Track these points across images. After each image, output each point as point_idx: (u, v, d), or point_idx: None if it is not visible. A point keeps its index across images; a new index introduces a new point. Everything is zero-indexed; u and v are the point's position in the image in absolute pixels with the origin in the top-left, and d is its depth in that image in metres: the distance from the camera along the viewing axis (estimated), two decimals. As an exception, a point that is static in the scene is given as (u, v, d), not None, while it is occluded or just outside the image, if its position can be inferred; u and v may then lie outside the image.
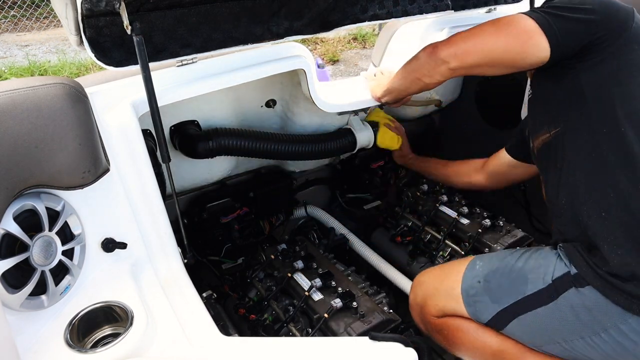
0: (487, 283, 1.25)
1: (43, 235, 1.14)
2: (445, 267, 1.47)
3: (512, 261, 1.26)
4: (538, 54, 1.17)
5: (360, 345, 1.15)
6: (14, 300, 1.06)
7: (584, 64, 1.18)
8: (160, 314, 1.18)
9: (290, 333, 1.53)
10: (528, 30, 1.16)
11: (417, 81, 1.45)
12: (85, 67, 5.42)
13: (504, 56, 1.21)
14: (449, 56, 1.28)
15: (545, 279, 1.18)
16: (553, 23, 1.16)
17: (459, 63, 1.27)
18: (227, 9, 1.42)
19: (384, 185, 2.38)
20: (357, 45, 6.55)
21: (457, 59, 1.27)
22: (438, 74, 1.34)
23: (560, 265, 1.19)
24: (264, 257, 1.82)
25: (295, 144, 1.77)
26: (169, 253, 1.37)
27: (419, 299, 1.39)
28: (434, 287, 1.37)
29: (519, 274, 1.22)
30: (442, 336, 1.35)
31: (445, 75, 1.34)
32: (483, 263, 1.31)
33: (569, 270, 1.17)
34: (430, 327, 1.37)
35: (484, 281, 1.26)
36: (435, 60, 1.31)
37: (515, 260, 1.26)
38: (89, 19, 1.22)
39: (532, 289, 1.19)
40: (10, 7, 6.51)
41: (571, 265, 1.17)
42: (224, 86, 1.47)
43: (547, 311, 1.16)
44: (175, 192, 1.37)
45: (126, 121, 1.30)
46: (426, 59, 1.36)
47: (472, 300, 1.27)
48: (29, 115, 1.05)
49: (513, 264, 1.25)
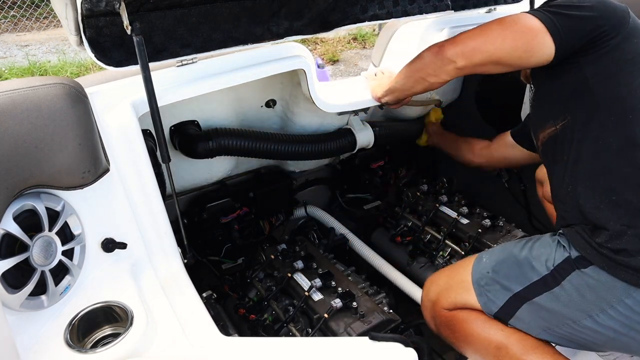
0: (496, 273, 1.29)
1: (43, 235, 1.14)
2: (454, 265, 1.53)
3: (517, 251, 1.31)
4: (543, 51, 1.20)
5: (360, 345, 1.15)
6: (14, 300, 1.06)
7: (588, 58, 1.21)
8: (160, 314, 1.18)
9: (290, 333, 1.53)
10: (533, 29, 1.19)
11: (421, 81, 1.46)
12: (85, 67, 5.42)
13: (510, 55, 1.23)
14: (456, 55, 1.29)
15: (548, 266, 1.22)
16: (556, 21, 1.19)
17: (466, 62, 1.29)
18: (227, 9, 1.42)
19: (384, 185, 2.38)
20: (357, 45, 6.55)
21: (464, 58, 1.29)
22: (444, 73, 1.36)
23: (559, 251, 1.23)
24: (264, 257, 1.82)
25: (295, 144, 1.77)
26: (168, 253, 1.37)
27: (432, 295, 1.42)
28: (446, 282, 1.41)
29: (524, 261, 1.26)
30: (449, 329, 1.37)
31: (452, 74, 1.35)
32: (489, 256, 1.36)
33: (569, 254, 1.20)
34: (440, 320, 1.39)
35: (492, 272, 1.30)
36: (442, 59, 1.33)
37: (520, 249, 1.31)
38: (89, 19, 1.22)
39: (537, 275, 1.23)
40: (10, 7, 6.51)
41: (571, 249, 1.21)
42: (224, 86, 1.47)
43: (553, 295, 1.20)
44: (175, 192, 1.37)
45: (126, 121, 1.30)
46: (432, 58, 1.37)
47: (484, 290, 1.30)
48: (29, 115, 1.05)
49: (518, 254, 1.30)
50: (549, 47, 1.19)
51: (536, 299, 1.22)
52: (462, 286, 1.35)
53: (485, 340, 1.30)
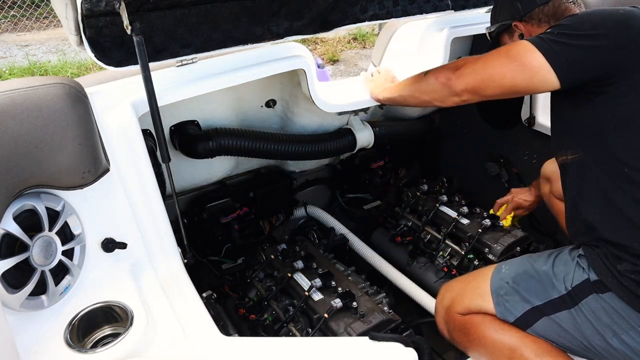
0: (516, 284, 1.29)
1: (43, 235, 1.14)
2: (470, 274, 1.52)
3: (538, 265, 1.30)
4: (548, 86, 1.18)
5: (360, 345, 1.15)
6: (14, 300, 1.06)
7: (602, 97, 1.16)
8: (160, 314, 1.18)
9: (290, 333, 1.53)
10: (534, 66, 1.16)
11: (426, 102, 1.48)
12: (85, 67, 5.42)
13: (514, 87, 1.23)
14: (463, 91, 1.31)
15: (566, 285, 1.22)
16: (561, 53, 1.14)
17: (473, 96, 1.31)
18: (227, 9, 1.42)
19: (384, 185, 2.38)
20: (357, 45, 6.55)
21: (471, 93, 1.31)
22: (450, 101, 1.38)
23: (578, 272, 1.22)
24: (264, 257, 1.81)
25: (295, 144, 1.77)
26: (168, 253, 1.37)
27: (446, 302, 1.42)
28: (461, 288, 1.41)
29: (545, 277, 1.26)
30: (463, 333, 1.37)
31: (458, 103, 1.37)
32: (509, 267, 1.35)
33: (588, 276, 1.20)
34: (453, 325, 1.39)
35: (512, 282, 1.30)
36: (449, 90, 1.34)
37: (541, 264, 1.30)
38: (89, 19, 1.22)
39: (557, 293, 1.23)
40: (10, 7, 6.51)
41: (591, 271, 1.20)
42: (224, 86, 1.48)
43: (570, 314, 1.21)
44: (175, 192, 1.37)
45: (126, 121, 1.30)
46: (439, 86, 1.37)
47: (502, 299, 1.30)
48: (29, 115, 1.05)
49: (539, 268, 1.29)
50: (552, 82, 1.16)
51: (553, 315, 1.23)
52: (477, 293, 1.35)
53: (499, 342, 1.29)
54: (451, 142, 2.49)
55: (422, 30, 1.98)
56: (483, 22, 1.96)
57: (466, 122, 2.35)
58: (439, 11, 1.80)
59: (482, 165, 2.32)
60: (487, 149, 2.30)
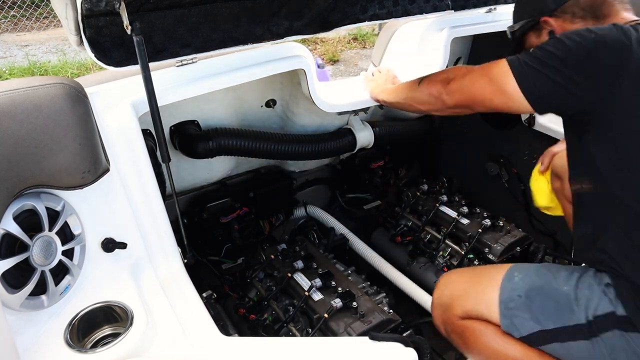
0: (529, 301, 1.21)
1: (43, 235, 1.14)
2: (475, 270, 1.45)
3: (558, 284, 1.21)
4: (525, 110, 1.18)
5: (360, 345, 1.14)
6: (14, 300, 1.06)
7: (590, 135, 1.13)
8: (160, 314, 1.18)
9: (290, 333, 1.53)
10: (508, 91, 1.15)
11: (425, 112, 1.51)
12: (85, 67, 5.42)
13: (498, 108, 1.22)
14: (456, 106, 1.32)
15: (587, 314, 1.14)
16: (533, 81, 1.12)
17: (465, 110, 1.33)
18: (227, 9, 1.42)
19: (384, 185, 2.38)
20: (357, 45, 6.54)
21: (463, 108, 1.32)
22: (447, 112, 1.39)
23: (604, 302, 1.13)
24: (264, 257, 1.82)
25: (295, 144, 1.77)
26: (168, 253, 1.37)
27: (445, 298, 1.34)
28: (464, 288, 1.33)
29: (565, 300, 1.18)
30: (462, 339, 1.32)
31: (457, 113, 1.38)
32: (522, 276, 1.26)
33: (614, 310, 1.11)
34: (452, 328, 1.33)
35: (525, 297, 1.22)
36: (443, 104, 1.35)
37: (561, 283, 1.21)
38: (89, 19, 1.22)
39: (575, 320, 1.15)
40: (10, 7, 6.51)
41: (618, 303, 1.11)
42: (224, 86, 1.48)
43: (584, 345, 1.14)
44: (175, 192, 1.37)
45: (126, 121, 1.30)
46: (433, 100, 1.38)
47: (511, 313, 1.22)
48: (29, 115, 1.05)
49: (559, 287, 1.20)
50: (528, 108, 1.15)
51: (566, 343, 1.15)
52: (483, 300, 1.27)
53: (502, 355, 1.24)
54: (451, 142, 2.49)
55: (422, 30, 1.98)
56: (483, 22, 1.96)
57: (466, 122, 2.35)
58: (439, 11, 1.80)
59: (482, 165, 2.32)
60: (487, 149, 2.30)
